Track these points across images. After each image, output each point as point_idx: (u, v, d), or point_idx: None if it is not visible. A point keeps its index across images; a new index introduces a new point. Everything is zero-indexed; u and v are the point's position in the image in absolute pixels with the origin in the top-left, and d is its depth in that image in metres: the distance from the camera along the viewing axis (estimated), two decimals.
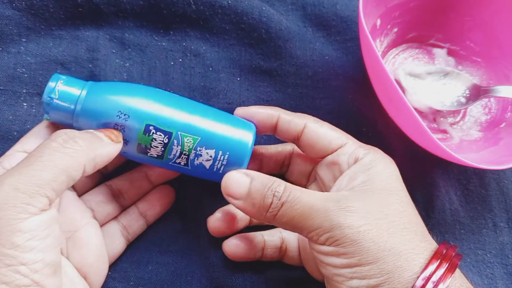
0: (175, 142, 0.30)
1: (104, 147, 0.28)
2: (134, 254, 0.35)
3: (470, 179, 0.40)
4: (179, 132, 0.30)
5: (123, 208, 0.35)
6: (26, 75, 0.37)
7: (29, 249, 0.23)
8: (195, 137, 0.30)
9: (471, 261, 0.38)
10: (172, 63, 0.39)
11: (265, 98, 0.40)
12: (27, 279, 0.23)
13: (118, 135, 0.29)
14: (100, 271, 0.32)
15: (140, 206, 0.35)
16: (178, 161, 0.30)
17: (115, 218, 0.34)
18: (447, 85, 0.42)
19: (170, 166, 0.31)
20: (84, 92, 0.30)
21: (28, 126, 0.35)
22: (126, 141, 0.30)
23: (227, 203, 0.34)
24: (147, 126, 0.29)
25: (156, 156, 0.30)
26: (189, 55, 0.40)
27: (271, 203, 0.28)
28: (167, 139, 0.30)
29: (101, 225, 0.33)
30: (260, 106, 0.33)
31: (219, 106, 0.38)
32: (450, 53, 0.43)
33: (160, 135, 0.30)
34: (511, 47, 0.41)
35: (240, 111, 0.33)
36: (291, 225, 0.28)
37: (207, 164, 0.31)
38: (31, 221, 0.24)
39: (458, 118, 0.42)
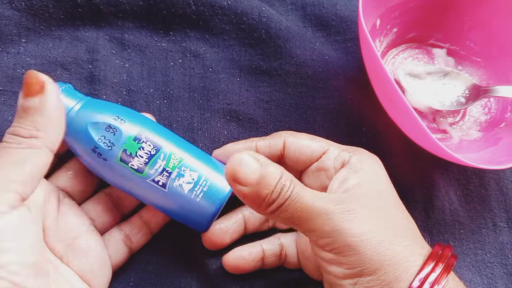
0: (162, 156, 0.30)
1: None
2: (134, 254, 0.35)
3: (469, 179, 0.40)
4: (167, 149, 0.30)
5: (123, 215, 0.35)
6: None
7: (4, 250, 0.23)
8: (181, 157, 0.31)
9: (471, 261, 0.38)
10: (172, 63, 0.39)
11: (265, 99, 0.40)
12: (5, 281, 0.22)
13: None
14: (103, 278, 0.31)
15: (143, 214, 0.34)
16: (157, 178, 0.30)
17: (118, 227, 0.34)
18: (446, 85, 0.42)
19: (146, 184, 0.30)
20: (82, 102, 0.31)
21: None
22: (110, 146, 0.29)
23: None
24: (140, 134, 0.30)
25: (136, 168, 0.30)
26: (188, 55, 0.40)
27: (278, 197, 0.25)
28: (154, 151, 0.30)
29: (103, 234, 0.33)
30: (234, 143, 0.34)
31: (219, 107, 0.38)
32: (449, 53, 0.43)
33: (149, 145, 0.30)
34: (511, 47, 0.41)
35: (217, 152, 0.33)
36: (291, 223, 0.26)
37: (187, 188, 0.30)
38: (1, 221, 0.23)
39: (458, 118, 0.42)
